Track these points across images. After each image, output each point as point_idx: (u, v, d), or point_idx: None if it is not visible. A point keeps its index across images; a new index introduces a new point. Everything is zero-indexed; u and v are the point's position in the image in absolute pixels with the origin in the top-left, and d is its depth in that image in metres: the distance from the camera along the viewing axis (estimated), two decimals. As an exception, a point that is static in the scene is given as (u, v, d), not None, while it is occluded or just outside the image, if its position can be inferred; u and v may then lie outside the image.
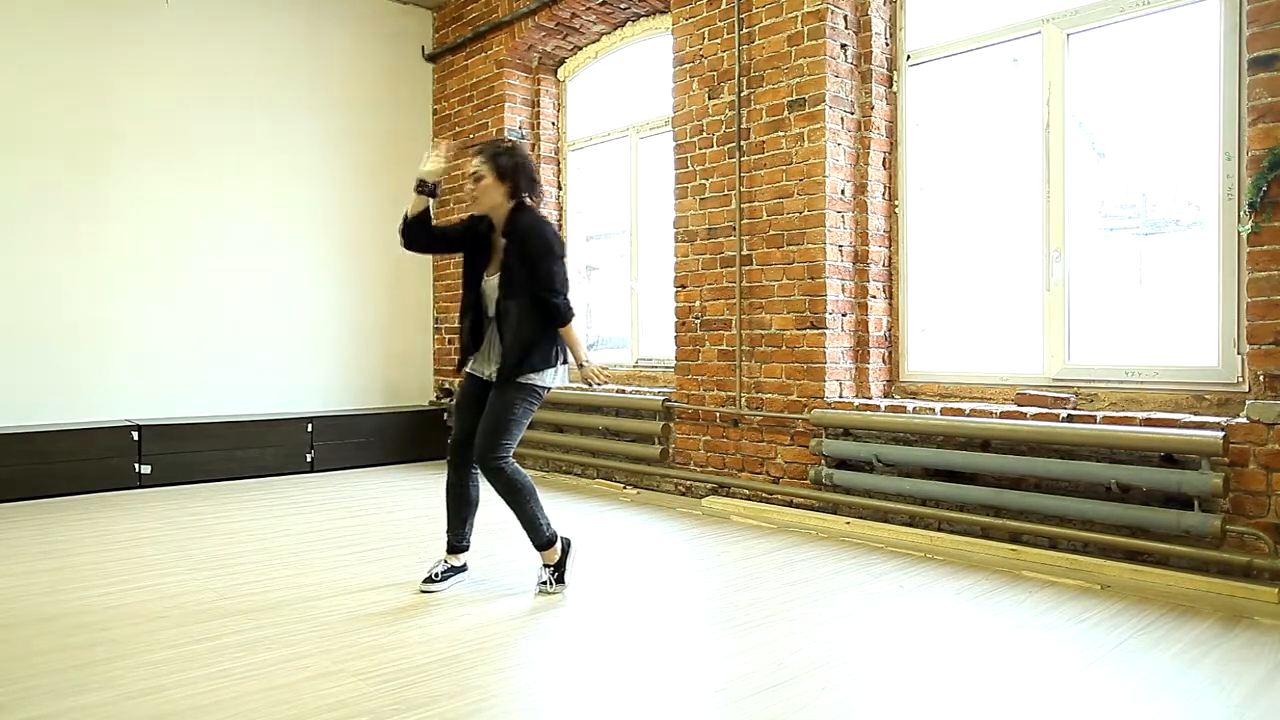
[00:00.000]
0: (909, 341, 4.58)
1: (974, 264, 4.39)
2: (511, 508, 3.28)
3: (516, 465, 3.27)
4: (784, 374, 4.60)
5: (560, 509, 4.82)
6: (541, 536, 3.29)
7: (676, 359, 5.17)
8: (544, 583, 3.30)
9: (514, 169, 3.20)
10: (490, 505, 4.93)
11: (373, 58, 6.85)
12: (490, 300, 3.25)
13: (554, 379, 3.30)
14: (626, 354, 6.03)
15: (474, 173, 3.18)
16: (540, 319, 3.21)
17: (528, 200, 3.28)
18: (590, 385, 3.37)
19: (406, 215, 3.24)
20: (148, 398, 5.81)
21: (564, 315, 3.21)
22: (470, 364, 3.37)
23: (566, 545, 3.38)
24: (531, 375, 3.21)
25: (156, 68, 5.82)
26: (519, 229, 3.21)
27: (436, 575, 3.33)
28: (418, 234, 3.27)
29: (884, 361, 4.60)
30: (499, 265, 3.24)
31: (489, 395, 3.25)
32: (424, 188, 3.21)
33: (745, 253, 4.77)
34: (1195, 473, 3.22)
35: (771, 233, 4.64)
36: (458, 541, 3.38)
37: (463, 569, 3.41)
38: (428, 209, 3.25)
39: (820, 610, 3.03)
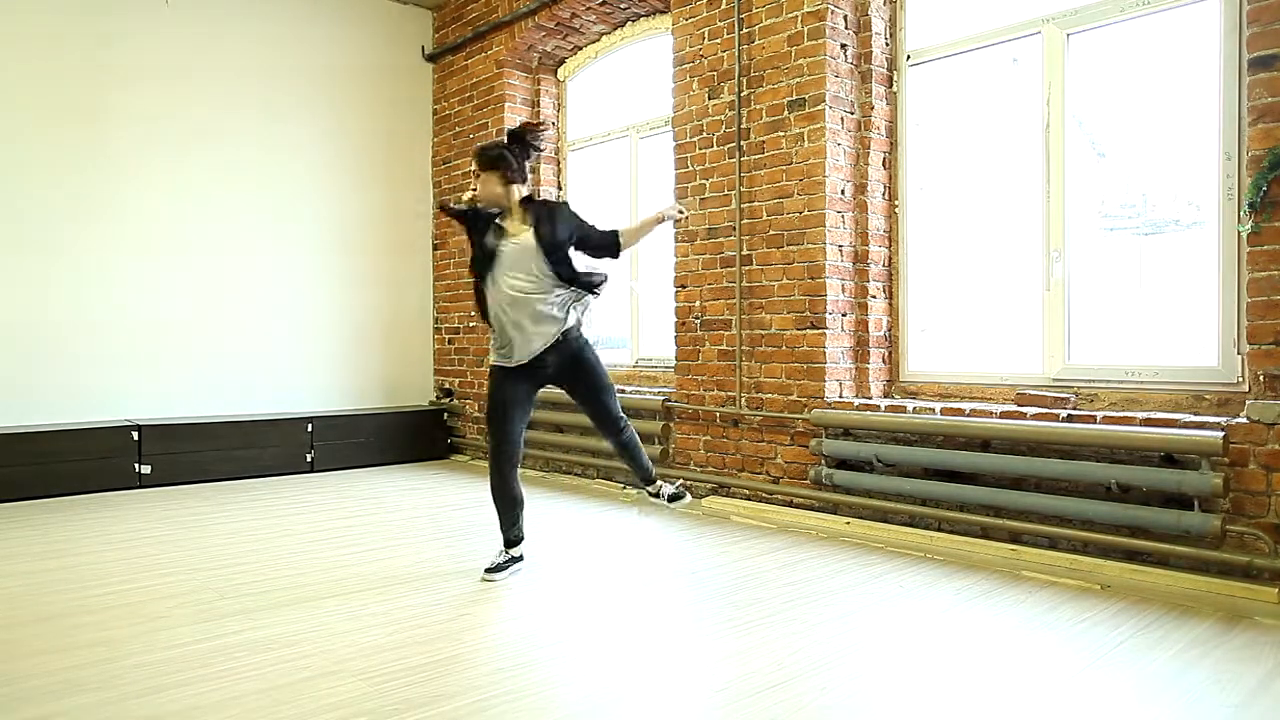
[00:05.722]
0: (909, 341, 4.58)
1: (974, 264, 4.38)
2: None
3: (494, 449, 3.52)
4: (784, 374, 4.60)
5: (560, 509, 4.82)
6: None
7: (676, 359, 5.17)
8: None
9: None
10: (488, 507, 4.94)
11: (373, 58, 6.85)
12: None
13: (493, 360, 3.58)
14: (626, 354, 6.03)
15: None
16: None
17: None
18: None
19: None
20: (148, 398, 5.81)
21: None
22: None
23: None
24: None
25: (156, 68, 5.82)
26: None
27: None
28: None
29: (884, 361, 4.60)
30: None
31: None
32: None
33: (745, 253, 4.77)
34: (1195, 473, 3.22)
35: (771, 233, 4.64)
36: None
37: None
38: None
39: (820, 610, 3.03)
